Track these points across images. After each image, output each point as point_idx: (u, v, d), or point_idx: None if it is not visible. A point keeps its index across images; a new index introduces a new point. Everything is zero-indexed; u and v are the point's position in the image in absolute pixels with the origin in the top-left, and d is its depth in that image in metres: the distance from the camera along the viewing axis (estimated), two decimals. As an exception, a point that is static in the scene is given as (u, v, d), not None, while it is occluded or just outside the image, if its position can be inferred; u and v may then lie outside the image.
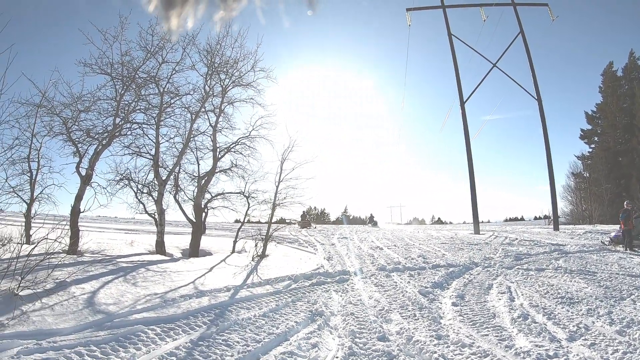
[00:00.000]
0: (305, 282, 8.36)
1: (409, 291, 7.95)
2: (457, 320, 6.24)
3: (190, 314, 5.59)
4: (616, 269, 10.40)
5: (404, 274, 9.66)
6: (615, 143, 45.93)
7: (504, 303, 7.20)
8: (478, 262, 11.37)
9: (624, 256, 12.58)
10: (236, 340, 4.80)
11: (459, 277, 9.45)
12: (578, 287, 8.38)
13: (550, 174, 24.86)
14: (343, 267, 10.41)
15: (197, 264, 9.50)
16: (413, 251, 13.48)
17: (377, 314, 6.41)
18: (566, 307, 6.92)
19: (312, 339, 5.05)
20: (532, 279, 9.34)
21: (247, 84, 13.17)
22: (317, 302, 6.88)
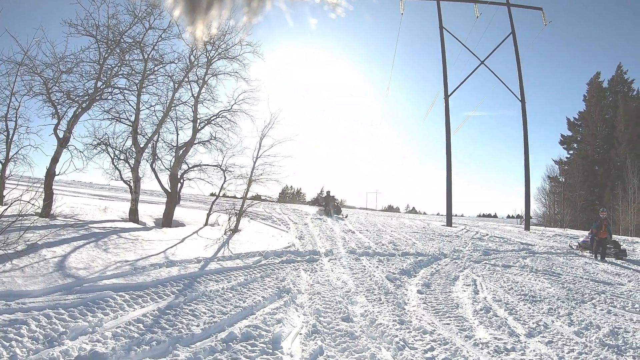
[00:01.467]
0: (276, 259, 8.40)
1: (377, 276, 8.08)
2: (421, 308, 6.36)
3: (159, 283, 5.64)
4: (581, 273, 10.66)
5: (374, 258, 9.82)
6: (593, 152, 47.10)
7: (468, 295, 7.36)
8: (447, 254, 11.60)
9: (589, 261, 12.87)
10: (203, 311, 4.87)
11: (427, 266, 9.62)
12: (542, 287, 8.60)
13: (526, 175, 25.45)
14: (314, 247, 10.50)
15: (169, 234, 9.49)
16: (384, 237, 13.69)
17: (344, 295, 6.49)
18: (528, 305, 7.10)
19: (277, 315, 5.11)
20: (498, 274, 9.54)
21: (233, 57, 13.02)
22: (285, 279, 6.95)
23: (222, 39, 12.74)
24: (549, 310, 6.86)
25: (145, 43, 11.72)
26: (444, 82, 25.23)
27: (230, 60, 13.12)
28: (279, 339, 4.40)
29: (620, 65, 47.87)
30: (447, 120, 24.86)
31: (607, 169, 45.14)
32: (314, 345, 4.37)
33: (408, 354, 4.45)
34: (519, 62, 25.79)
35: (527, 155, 25.31)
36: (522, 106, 25.49)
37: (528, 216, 26.33)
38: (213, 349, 3.90)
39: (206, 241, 9.36)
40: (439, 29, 25.52)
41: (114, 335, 3.91)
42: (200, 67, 12.86)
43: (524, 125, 25.38)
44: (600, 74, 48.77)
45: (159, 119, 12.22)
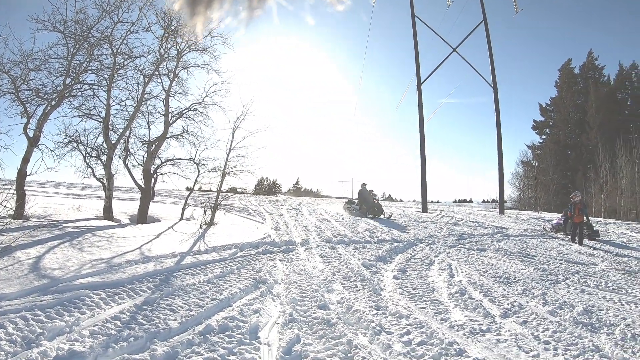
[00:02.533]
0: (252, 251, 8.46)
1: (353, 263, 8.17)
2: (397, 293, 6.45)
3: (135, 279, 5.66)
4: (554, 254, 10.91)
5: (349, 246, 9.93)
6: (565, 137, 48.43)
7: (444, 279, 7.48)
8: (422, 239, 11.75)
9: (563, 243, 13.19)
10: (180, 305, 4.90)
11: (402, 252, 9.75)
12: (516, 269, 8.79)
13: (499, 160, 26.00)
14: (290, 237, 10.56)
15: (144, 230, 9.47)
16: (360, 225, 13.81)
17: (320, 284, 6.57)
18: (503, 286, 7.23)
19: (254, 306, 5.16)
20: (473, 258, 9.73)
21: (204, 49, 12.98)
22: (261, 270, 7.00)
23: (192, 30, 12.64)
24: (523, 291, 7.00)
25: (114, 37, 11.58)
26: (417, 70, 25.48)
27: (201, 52, 13.08)
28: (256, 329, 4.45)
29: (591, 52, 49.49)
30: (420, 107, 25.13)
31: (579, 153, 46.39)
32: (290, 333, 4.40)
33: (384, 339, 4.49)
34: (491, 50, 26.27)
35: (500, 140, 25.90)
36: (494, 93, 26.03)
37: (502, 200, 26.92)
38: (191, 342, 3.93)
39: (182, 236, 9.36)
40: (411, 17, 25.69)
41: (91, 333, 3.93)
42: (171, 60, 12.77)
43: (497, 111, 25.94)
44: (571, 61, 50.55)
45: (130, 114, 12.14)
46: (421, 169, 25.19)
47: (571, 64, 50.46)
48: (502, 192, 27.01)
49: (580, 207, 13.44)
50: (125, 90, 12.39)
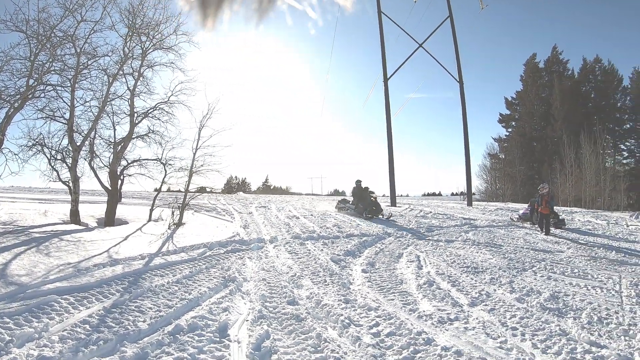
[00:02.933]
0: (221, 250, 8.48)
1: (322, 258, 8.28)
2: (366, 286, 6.58)
3: (103, 282, 5.65)
4: (521, 243, 11.22)
5: (318, 242, 10.02)
6: (531, 129, 49.88)
7: (412, 271, 7.64)
8: (391, 233, 11.95)
9: (530, 232, 13.53)
10: (149, 307, 4.92)
11: (371, 246, 9.91)
12: (484, 258, 9.00)
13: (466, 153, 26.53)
14: (259, 234, 10.60)
15: (112, 233, 9.40)
16: (329, 221, 13.95)
17: (289, 280, 6.65)
18: (471, 276, 7.43)
19: (223, 304, 5.21)
20: (441, 249, 9.93)
21: (169, 47, 12.82)
22: (230, 268, 7.05)
23: (157, 28, 12.53)
24: (491, 280, 7.22)
25: (77, 36, 11.38)
26: (383, 66, 25.63)
27: (166, 51, 12.91)
28: (225, 327, 4.50)
29: (555, 47, 51.33)
30: (386, 103, 25.30)
31: (544, 145, 47.79)
32: (260, 330, 4.46)
33: (353, 331, 4.59)
34: (457, 45, 26.71)
35: (467, 134, 26.40)
36: (460, 87, 26.51)
37: (470, 192, 27.46)
38: (160, 342, 3.97)
39: (150, 237, 9.31)
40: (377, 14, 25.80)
41: (60, 338, 3.93)
42: (135, 59, 12.61)
43: (463, 106, 26.43)
44: (536, 55, 52.07)
45: (94, 115, 11.90)
46: (389, 164, 25.43)
47: (536, 59, 52.00)
48: (469, 185, 27.56)
49: (547, 199, 13.71)
50: (90, 90, 12.18)
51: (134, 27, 12.19)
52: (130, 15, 12.13)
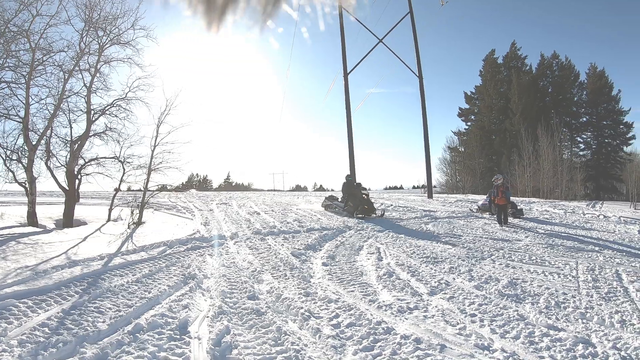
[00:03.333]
0: (181, 247, 8.46)
1: (282, 253, 8.36)
2: (326, 279, 6.66)
3: (62, 284, 5.60)
4: (480, 233, 11.53)
5: (279, 237, 10.09)
6: (490, 123, 51.64)
7: (372, 262, 7.75)
8: (351, 226, 12.10)
9: (489, 222, 13.89)
10: (108, 307, 4.90)
11: (331, 240, 10.00)
12: (443, 248, 9.21)
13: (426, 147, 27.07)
14: (219, 231, 10.60)
15: (70, 234, 9.29)
16: (289, 216, 14.04)
17: (250, 275, 6.69)
18: (430, 266, 7.59)
19: (183, 301, 5.23)
20: (401, 241, 10.07)
21: (126, 42, 12.65)
22: (190, 266, 7.03)
23: (114, 23, 12.32)
24: (450, 269, 7.41)
25: (32, 31, 11.09)
26: (343, 61, 25.93)
27: (123, 46, 12.73)
28: (186, 324, 4.52)
29: (514, 43, 53.52)
30: (346, 97, 25.67)
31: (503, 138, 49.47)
32: (220, 325, 4.48)
33: (314, 323, 4.66)
34: (417, 41, 27.20)
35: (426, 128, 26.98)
36: (419, 82, 27.06)
37: (430, 185, 28.06)
38: (120, 342, 3.97)
39: (109, 237, 9.25)
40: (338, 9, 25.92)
41: (19, 342, 3.91)
42: (92, 55, 12.37)
43: (422, 100, 26.99)
44: (495, 51, 54.12)
45: (50, 113, 11.65)
46: (349, 158, 25.71)
47: (495, 54, 53.86)
48: (429, 177, 28.08)
49: (503, 189, 13.92)
50: (45, 87, 11.93)
51: (90, 21, 11.96)
52: (87, 9, 11.91)
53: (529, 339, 4.50)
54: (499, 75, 52.37)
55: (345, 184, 16.25)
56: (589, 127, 50.96)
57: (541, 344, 4.38)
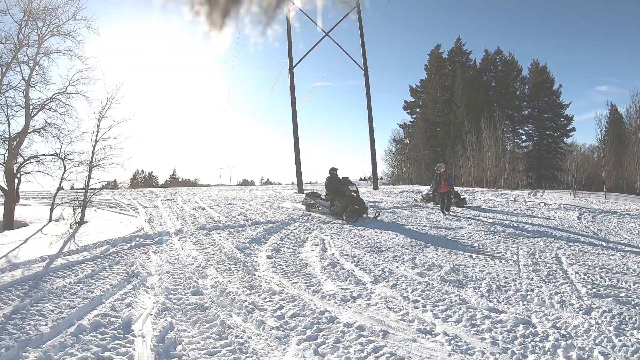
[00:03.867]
0: (124, 246, 8.37)
1: (227, 247, 8.40)
2: (271, 271, 6.76)
3: (2, 289, 5.49)
4: (424, 222, 11.95)
5: (224, 231, 10.11)
6: (434, 115, 53.39)
7: (317, 254, 7.91)
8: (296, 219, 12.28)
9: (432, 211, 14.35)
10: (50, 309, 4.84)
11: (276, 233, 10.11)
12: (387, 238, 9.47)
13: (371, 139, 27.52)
14: (164, 227, 10.53)
15: (10, 237, 9.10)
16: (235, 210, 14.05)
17: (194, 271, 6.70)
18: (374, 255, 7.81)
19: (126, 300, 5.20)
20: (346, 231, 10.30)
21: (67, 33, 12.34)
22: (134, 264, 6.99)
23: (54, 13, 11.99)
24: (394, 258, 7.64)
25: (-33, 22, 10.68)
26: (289, 54, 26.02)
27: (64, 37, 12.40)
28: (129, 323, 4.52)
29: (459, 39, 55.68)
30: (292, 91, 25.78)
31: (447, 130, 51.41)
32: (164, 322, 4.49)
33: (258, 316, 4.75)
34: (363, 34, 27.52)
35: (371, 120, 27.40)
36: (365, 75, 27.41)
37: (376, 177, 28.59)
38: (63, 344, 3.95)
39: (51, 238, 9.06)
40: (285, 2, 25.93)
41: None
42: (31, 46, 11.99)
43: (367, 93, 27.41)
44: (440, 46, 56.15)
45: (-14, 109, 11.14)
46: (295, 151, 25.88)
47: (440, 49, 55.72)
48: (375, 169, 28.52)
49: (445, 177, 14.35)
50: (-19, 81, 11.36)
51: (29, 11, 11.58)
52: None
53: (470, 322, 4.70)
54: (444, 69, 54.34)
55: (329, 179, 14.07)
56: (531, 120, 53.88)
57: (482, 326, 4.58)
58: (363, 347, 4.06)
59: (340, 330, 4.41)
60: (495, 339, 4.29)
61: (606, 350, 4.07)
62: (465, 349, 4.06)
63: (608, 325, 4.73)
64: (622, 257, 8.35)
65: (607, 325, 4.73)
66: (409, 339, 4.22)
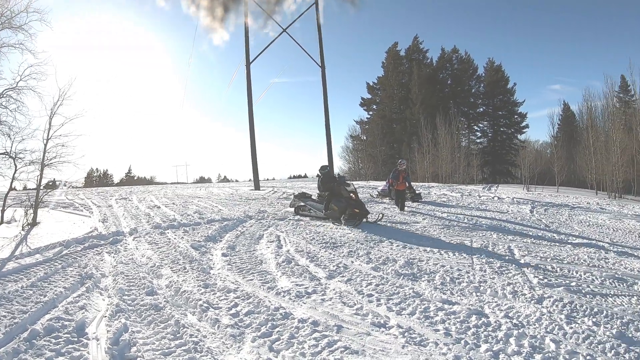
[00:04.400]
0: (78, 247, 8.24)
1: (182, 246, 8.38)
2: (226, 269, 6.80)
3: None
4: None
5: (179, 230, 10.09)
6: (391, 112, 54.33)
7: (272, 251, 8.00)
8: (252, 215, 12.26)
9: (388, 206, 14.56)
10: (2, 315, 4.73)
11: (232, 230, 10.10)
12: (342, 233, 9.59)
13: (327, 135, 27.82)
14: (118, 227, 10.40)
15: (-41, 242, 8.71)
16: (190, 208, 13.98)
17: (148, 271, 6.70)
18: (329, 251, 7.95)
19: (80, 302, 5.16)
20: (302, 227, 10.41)
21: (18, 26, 11.76)
22: (88, 265, 6.91)
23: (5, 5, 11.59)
24: (349, 253, 7.80)
25: None
26: (246, 50, 25.92)
27: (15, 30, 11.84)
28: (83, 326, 4.49)
29: (416, 37, 57.26)
30: (248, 87, 25.74)
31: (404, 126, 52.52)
32: (118, 324, 4.48)
33: (212, 314, 4.79)
34: (320, 31, 27.61)
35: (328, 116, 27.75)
36: (322, 72, 27.58)
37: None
38: (17, 350, 3.90)
39: (2, 241, 8.79)
40: (243, -2, 25.78)
41: None
42: (-20, 41, 11.44)
43: (324, 89, 27.62)
44: (397, 44, 57.48)
45: None
46: (251, 148, 25.92)
47: (397, 47, 56.77)
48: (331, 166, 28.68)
49: (404, 175, 14.46)
50: None
51: (-21, 3, 11.15)
52: (-24, -10, 10.94)
53: (424, 314, 4.85)
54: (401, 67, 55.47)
55: (322, 179, 12.52)
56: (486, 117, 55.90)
57: (436, 318, 4.74)
58: (317, 342, 4.15)
59: (295, 326, 4.50)
60: (448, 330, 4.46)
61: (557, 338, 4.32)
62: (418, 340, 4.20)
63: (559, 313, 5.03)
64: (573, 248, 8.86)
65: (558, 313, 5.03)
66: (363, 333, 4.35)
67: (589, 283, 6.35)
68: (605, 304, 5.48)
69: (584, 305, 5.35)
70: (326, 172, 12.69)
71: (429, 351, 3.99)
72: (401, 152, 49.63)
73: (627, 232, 11.73)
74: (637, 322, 4.86)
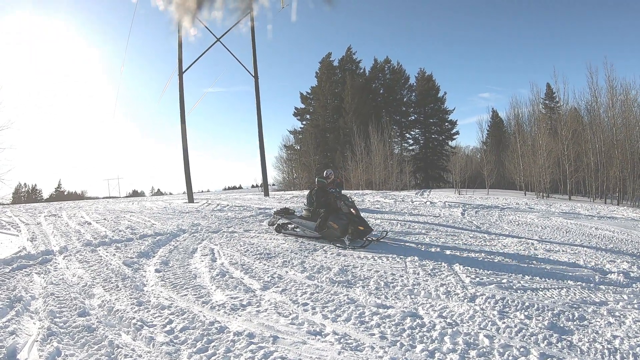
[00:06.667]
0: (6, 268, 7.91)
1: (114, 263, 8.26)
2: (159, 286, 6.73)
3: None
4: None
5: (111, 247, 9.93)
6: (324, 121, 55.63)
7: (206, 264, 7.98)
8: (186, 229, 12.25)
9: None
10: None
11: (165, 245, 10.05)
12: (277, 244, 9.76)
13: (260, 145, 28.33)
14: (47, 246, 10.11)
15: None
16: (122, 223, 13.79)
17: (80, 291, 6.55)
18: (264, 262, 8.05)
19: (10, 327, 5.00)
20: (235, 240, 10.46)
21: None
22: (16, 287, 6.68)
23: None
24: (283, 263, 7.92)
25: None
26: (179, 59, 25.86)
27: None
28: (14, 352, 4.39)
29: (350, 48, 59.12)
30: (181, 97, 25.66)
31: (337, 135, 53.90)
32: (50, 348, 4.39)
33: (147, 332, 4.72)
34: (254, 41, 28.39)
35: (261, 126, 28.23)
36: (255, 81, 28.09)
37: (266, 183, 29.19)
38: None
39: None
40: (174, 5, 25.66)
41: None
42: None
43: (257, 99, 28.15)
44: (331, 54, 59.20)
45: None
46: (184, 160, 25.88)
47: (331, 57, 58.34)
48: (265, 176, 29.25)
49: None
50: None
51: None
52: None
53: (359, 319, 4.97)
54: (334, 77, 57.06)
55: (315, 192, 11.00)
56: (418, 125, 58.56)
57: (371, 323, 4.87)
58: (254, 354, 4.19)
59: (231, 339, 4.52)
60: (384, 333, 4.59)
61: (491, 333, 4.59)
62: (355, 345, 4.32)
63: (492, 310, 5.35)
64: (504, 247, 9.46)
65: (491, 310, 5.35)
66: (299, 342, 4.42)
67: (520, 279, 6.79)
68: (536, 298, 5.88)
69: (516, 300, 5.72)
70: (322, 184, 11.03)
71: (365, 355, 4.13)
72: (335, 161, 50.76)
73: (555, 229, 12.53)
74: (567, 312, 5.22)
